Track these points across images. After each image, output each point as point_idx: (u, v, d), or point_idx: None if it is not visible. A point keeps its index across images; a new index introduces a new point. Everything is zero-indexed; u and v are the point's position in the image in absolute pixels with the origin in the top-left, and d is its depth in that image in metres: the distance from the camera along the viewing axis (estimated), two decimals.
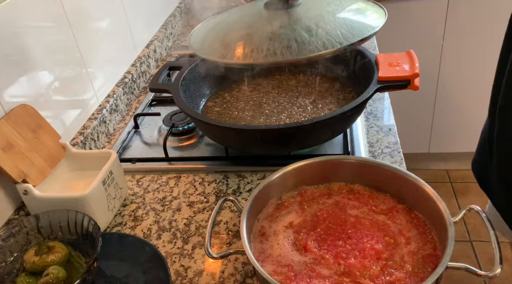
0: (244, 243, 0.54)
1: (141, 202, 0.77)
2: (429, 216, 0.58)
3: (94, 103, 0.94)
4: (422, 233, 0.58)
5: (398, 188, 0.62)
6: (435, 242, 0.56)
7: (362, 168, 0.65)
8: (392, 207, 0.62)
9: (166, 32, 1.33)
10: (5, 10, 0.68)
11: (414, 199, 0.60)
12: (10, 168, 0.64)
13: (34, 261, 0.59)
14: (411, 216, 0.60)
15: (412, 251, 0.55)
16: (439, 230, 0.56)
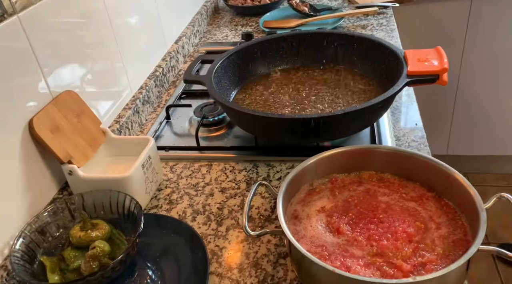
0: (281, 222, 0.56)
1: (175, 187, 0.80)
2: (460, 203, 0.60)
3: (128, 93, 0.98)
4: (452, 219, 0.60)
5: (428, 176, 0.64)
6: (465, 228, 0.58)
7: (392, 157, 0.67)
8: (422, 194, 0.64)
9: (193, 29, 1.37)
10: (55, 6, 0.72)
11: (444, 187, 0.63)
12: (58, 149, 0.68)
13: (80, 236, 0.63)
14: (441, 204, 0.62)
15: (442, 235, 0.57)
16: (469, 216, 0.58)
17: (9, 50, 0.63)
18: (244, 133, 0.91)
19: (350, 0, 1.51)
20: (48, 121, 0.68)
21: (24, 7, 0.65)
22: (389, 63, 0.85)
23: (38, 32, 0.69)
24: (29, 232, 0.62)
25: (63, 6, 0.75)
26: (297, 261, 0.57)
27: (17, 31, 0.64)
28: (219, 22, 1.53)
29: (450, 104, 1.89)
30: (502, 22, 1.61)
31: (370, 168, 0.69)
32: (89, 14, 0.83)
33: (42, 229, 0.64)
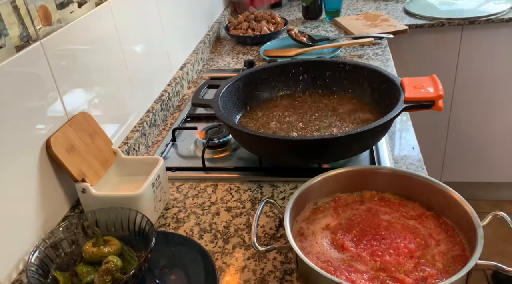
0: (289, 237, 0.59)
1: (182, 206, 0.83)
2: (457, 221, 0.64)
3: (136, 116, 1.02)
4: (451, 236, 0.63)
5: (426, 196, 0.68)
6: (464, 244, 0.61)
7: (392, 178, 0.71)
8: (421, 213, 0.67)
9: (197, 56, 1.42)
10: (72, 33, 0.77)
11: (442, 206, 0.66)
12: (73, 168, 0.71)
13: (92, 251, 0.65)
14: (440, 222, 0.65)
15: (442, 251, 0.60)
16: (467, 233, 0.61)
17: (32, 73, 0.67)
18: (247, 155, 0.95)
19: (346, 31, 1.58)
20: (64, 141, 0.71)
21: (47, 33, 0.70)
22: (387, 90, 0.90)
23: (57, 57, 0.73)
24: (44, 247, 0.64)
25: (80, 34, 0.80)
26: (304, 275, 0.59)
27: (40, 56, 0.69)
28: (221, 50, 1.59)
29: (443, 132, 1.94)
30: (492, 50, 1.69)
31: (371, 188, 0.72)
32: (103, 41, 0.88)
33: (56, 244, 0.66)
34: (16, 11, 0.63)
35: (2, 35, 0.60)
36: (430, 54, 1.71)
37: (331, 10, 1.72)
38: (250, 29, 1.61)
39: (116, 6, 0.91)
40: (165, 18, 1.18)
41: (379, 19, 1.64)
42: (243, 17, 1.68)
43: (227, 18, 1.79)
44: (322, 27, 1.68)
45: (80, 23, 0.79)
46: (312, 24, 1.72)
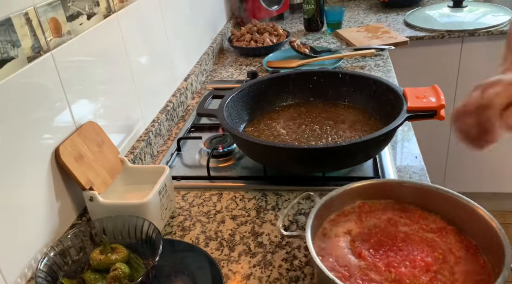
0: (307, 234, 0.61)
1: (188, 214, 0.83)
2: (481, 239, 0.61)
3: (142, 126, 1.03)
4: (473, 255, 0.61)
5: (448, 209, 0.66)
6: (488, 268, 0.58)
7: (415, 190, 0.69)
8: (442, 227, 0.65)
9: (201, 68, 1.44)
10: (81, 45, 0.79)
11: (464, 221, 0.64)
12: (81, 176, 0.72)
13: (100, 259, 0.65)
14: (461, 237, 0.64)
15: (464, 271, 0.58)
16: (491, 253, 0.59)
17: (42, 84, 0.69)
18: (251, 164, 0.96)
19: (348, 43, 1.61)
20: (72, 150, 0.73)
21: (57, 45, 0.72)
22: (389, 100, 0.91)
23: (67, 67, 0.74)
24: (52, 254, 0.65)
25: (88, 45, 0.81)
26: (319, 274, 0.60)
27: (50, 66, 0.70)
28: (224, 61, 1.61)
29: (445, 142, 1.95)
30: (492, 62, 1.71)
31: (393, 198, 0.71)
32: (110, 52, 0.90)
33: (64, 252, 0.67)
34: (28, 23, 0.65)
35: (15, 46, 0.62)
36: (431, 65, 1.73)
37: (332, 22, 1.75)
38: (252, 41, 1.64)
39: (123, 18, 0.93)
40: (170, 30, 1.20)
41: (380, 31, 1.66)
42: (246, 29, 1.70)
43: (230, 30, 1.82)
44: (323, 38, 1.71)
45: (89, 35, 0.81)
46: (314, 36, 1.74)
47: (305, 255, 0.71)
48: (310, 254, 0.59)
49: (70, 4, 0.75)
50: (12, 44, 0.61)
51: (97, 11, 0.83)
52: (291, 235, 0.65)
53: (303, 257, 0.71)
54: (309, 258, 0.70)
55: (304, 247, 0.73)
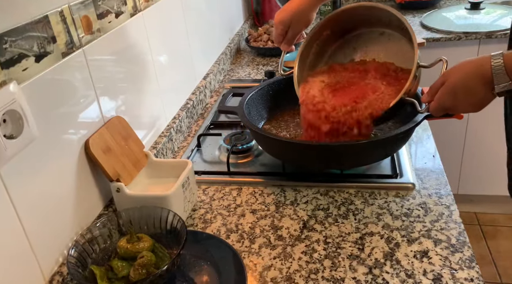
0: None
1: (209, 207, 0.86)
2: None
3: (163, 123, 1.06)
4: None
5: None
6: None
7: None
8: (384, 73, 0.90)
9: (219, 67, 1.47)
10: (110, 43, 0.82)
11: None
12: (109, 168, 0.75)
13: (127, 247, 0.68)
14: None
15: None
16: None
17: (74, 78, 0.72)
18: (269, 161, 0.98)
19: None
20: (101, 142, 0.75)
21: (88, 41, 0.75)
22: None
23: (96, 63, 0.77)
24: (82, 242, 0.68)
25: (116, 42, 0.84)
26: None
27: (82, 62, 0.73)
28: (241, 61, 1.64)
29: (460, 144, 1.95)
30: None
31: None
32: (136, 50, 0.93)
33: (92, 240, 0.69)
34: (63, 20, 0.68)
35: (51, 42, 0.65)
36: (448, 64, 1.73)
37: None
38: (269, 41, 1.66)
39: (148, 17, 0.96)
40: (190, 30, 1.23)
41: None
42: (263, 29, 1.72)
43: (247, 31, 1.84)
44: None
45: (116, 32, 0.84)
46: None
47: (324, 248, 0.73)
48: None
49: (100, 2, 0.78)
50: (48, 40, 0.64)
51: (124, 9, 0.86)
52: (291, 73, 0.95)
53: (322, 250, 0.73)
54: (328, 252, 0.72)
55: (323, 241, 0.75)
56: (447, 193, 0.83)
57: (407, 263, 0.69)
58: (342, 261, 0.70)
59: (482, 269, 1.85)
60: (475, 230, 2.07)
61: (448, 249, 0.71)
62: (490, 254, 1.92)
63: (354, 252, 0.72)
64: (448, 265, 0.68)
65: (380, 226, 0.77)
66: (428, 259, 0.69)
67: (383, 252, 0.71)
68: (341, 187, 0.87)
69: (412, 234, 0.74)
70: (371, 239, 0.74)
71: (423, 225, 0.76)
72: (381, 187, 0.86)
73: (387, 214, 0.79)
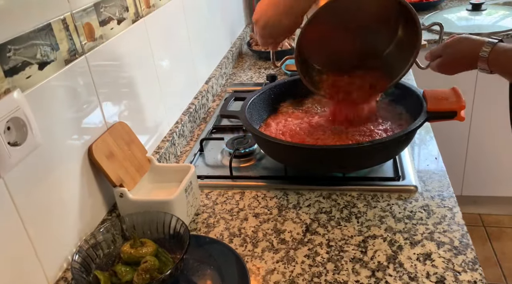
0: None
1: (212, 212, 0.86)
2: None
3: (166, 127, 1.06)
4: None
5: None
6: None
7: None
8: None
9: (221, 71, 1.47)
10: (112, 49, 0.82)
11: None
12: (112, 173, 0.75)
13: (131, 252, 0.68)
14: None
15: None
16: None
17: (77, 85, 0.72)
18: (272, 164, 0.98)
19: None
20: (104, 148, 0.76)
21: (91, 48, 0.75)
22: (410, 101, 0.93)
23: (99, 69, 0.78)
24: (85, 248, 0.68)
25: (118, 48, 0.85)
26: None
27: (84, 69, 0.74)
28: (243, 65, 1.65)
29: (463, 145, 1.95)
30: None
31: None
32: (138, 56, 0.93)
33: (96, 245, 0.70)
34: (65, 27, 0.68)
35: (54, 49, 0.66)
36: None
37: None
38: None
39: (150, 23, 0.97)
40: (192, 35, 1.24)
41: None
42: None
43: (248, 35, 1.85)
44: None
45: (118, 39, 0.84)
46: None
47: (327, 252, 0.73)
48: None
49: (103, 9, 0.78)
50: (51, 48, 0.65)
51: (126, 16, 0.87)
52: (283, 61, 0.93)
53: (325, 254, 0.73)
54: (330, 255, 0.72)
55: (326, 244, 0.75)
56: (449, 195, 0.83)
57: (410, 266, 0.69)
58: (345, 264, 0.70)
59: (487, 271, 1.85)
60: (479, 231, 2.06)
61: (451, 251, 0.71)
62: (495, 256, 1.91)
63: (357, 255, 0.72)
64: (451, 268, 0.68)
65: (382, 229, 0.77)
66: (431, 261, 0.69)
67: (386, 255, 0.71)
68: (343, 190, 0.87)
69: (415, 237, 0.74)
70: (374, 242, 0.74)
71: (426, 228, 0.76)
72: (384, 190, 0.86)
73: (390, 217, 0.79)
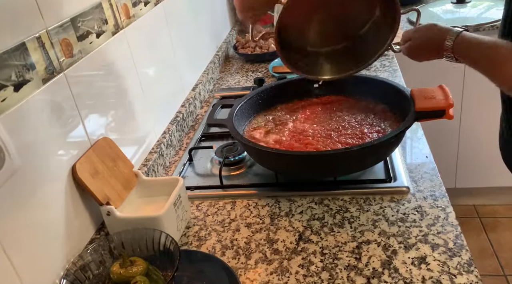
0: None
1: (203, 224, 0.85)
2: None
3: (153, 138, 1.05)
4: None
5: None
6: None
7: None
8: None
9: (208, 76, 1.46)
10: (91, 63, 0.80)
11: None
12: (98, 192, 0.73)
13: (120, 272, 0.66)
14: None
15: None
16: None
17: (56, 103, 0.70)
18: (263, 171, 0.97)
19: None
20: (88, 166, 0.74)
21: (70, 64, 0.73)
22: (397, 101, 0.92)
23: (79, 85, 0.76)
24: (73, 270, 0.66)
25: (98, 62, 0.83)
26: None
27: (63, 86, 0.72)
28: (230, 69, 1.63)
29: (454, 138, 1.95)
30: None
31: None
32: (120, 68, 0.91)
33: (85, 267, 0.68)
34: (41, 45, 0.66)
35: (30, 69, 0.64)
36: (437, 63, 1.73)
37: None
38: (258, 47, 1.65)
39: (131, 34, 0.95)
40: (176, 42, 1.22)
41: None
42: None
43: (234, 38, 1.83)
44: None
45: (98, 53, 0.82)
46: None
47: (321, 260, 0.72)
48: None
49: (80, 24, 0.76)
50: (27, 68, 0.63)
51: (105, 29, 0.85)
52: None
53: (319, 262, 0.72)
54: (325, 263, 0.71)
55: (319, 252, 0.73)
56: (442, 195, 0.82)
57: (405, 270, 0.68)
58: (340, 272, 0.69)
59: (484, 262, 1.86)
60: (475, 223, 2.06)
61: (446, 253, 0.70)
62: (491, 247, 1.92)
63: (351, 262, 0.71)
64: (447, 271, 0.67)
65: (376, 233, 0.76)
66: (426, 265, 0.68)
67: (381, 260, 0.70)
68: (335, 194, 0.86)
69: (409, 240, 0.73)
70: (368, 248, 0.73)
71: (420, 230, 0.75)
72: (376, 193, 0.85)
73: (383, 220, 0.78)
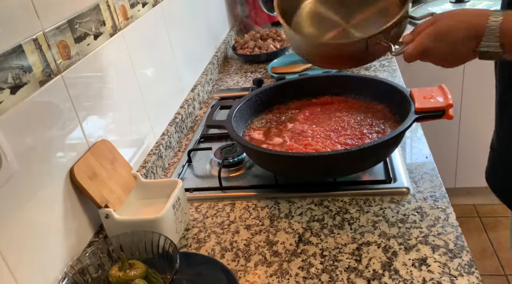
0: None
1: (202, 226, 0.84)
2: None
3: (152, 140, 1.04)
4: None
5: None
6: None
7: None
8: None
9: (207, 77, 1.45)
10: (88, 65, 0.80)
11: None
12: (96, 195, 0.73)
13: (119, 275, 0.66)
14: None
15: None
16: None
17: (54, 105, 0.70)
18: (262, 172, 0.96)
19: None
20: (86, 169, 0.74)
21: (67, 66, 0.73)
22: (397, 101, 0.91)
23: (77, 87, 0.76)
24: (72, 273, 0.66)
25: (96, 64, 0.83)
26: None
27: (61, 88, 0.72)
28: (229, 70, 1.62)
29: (454, 138, 1.94)
30: None
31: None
32: (118, 69, 0.91)
33: (83, 270, 0.68)
34: (38, 47, 0.66)
35: (27, 71, 0.63)
36: None
37: None
38: (256, 47, 1.65)
39: (129, 35, 0.95)
40: (174, 43, 1.22)
41: None
42: (249, 36, 1.71)
43: (233, 38, 1.83)
44: None
45: (96, 54, 0.82)
46: None
47: (321, 262, 0.72)
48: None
49: (77, 26, 0.76)
50: (24, 70, 0.63)
51: (103, 30, 0.85)
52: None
53: (319, 264, 0.71)
54: (325, 265, 0.71)
55: (319, 254, 0.73)
56: (442, 196, 0.82)
57: (405, 272, 0.67)
58: (340, 274, 0.69)
59: (485, 262, 1.85)
60: (475, 222, 2.06)
61: (447, 255, 0.69)
62: (491, 246, 1.91)
63: (351, 264, 0.70)
64: (448, 272, 0.66)
65: (376, 234, 0.75)
66: (427, 267, 0.68)
67: (381, 262, 0.70)
68: (335, 195, 0.86)
69: (409, 242, 0.73)
70: (368, 249, 0.73)
71: (420, 231, 0.75)
72: (376, 194, 0.85)
73: (383, 222, 0.78)
